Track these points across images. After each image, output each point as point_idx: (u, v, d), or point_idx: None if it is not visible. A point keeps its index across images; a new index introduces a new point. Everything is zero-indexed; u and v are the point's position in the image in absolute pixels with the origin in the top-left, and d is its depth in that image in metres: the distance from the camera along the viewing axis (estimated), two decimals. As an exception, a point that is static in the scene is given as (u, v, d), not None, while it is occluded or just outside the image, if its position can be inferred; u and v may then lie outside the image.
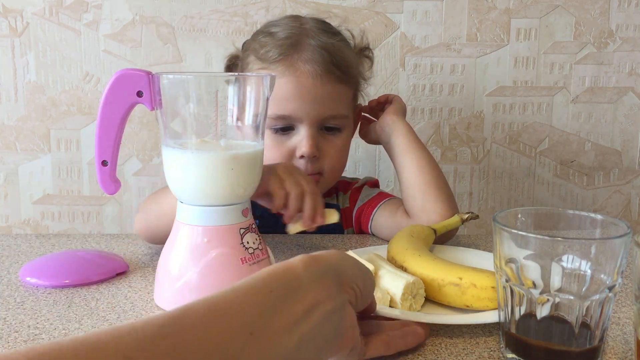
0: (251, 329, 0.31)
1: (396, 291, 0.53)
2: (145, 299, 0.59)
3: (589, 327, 0.43)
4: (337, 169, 0.89)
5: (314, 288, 0.35)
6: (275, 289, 0.34)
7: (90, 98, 1.22)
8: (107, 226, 1.27)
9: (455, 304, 0.55)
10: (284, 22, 0.89)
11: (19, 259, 0.73)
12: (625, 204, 1.26)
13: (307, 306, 0.34)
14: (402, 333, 0.47)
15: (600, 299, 0.43)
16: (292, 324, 0.33)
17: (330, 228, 0.77)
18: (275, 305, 0.33)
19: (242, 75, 0.58)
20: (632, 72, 1.21)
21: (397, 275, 0.55)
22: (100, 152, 0.59)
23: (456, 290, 0.54)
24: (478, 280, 0.54)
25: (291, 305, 0.33)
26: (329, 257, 0.39)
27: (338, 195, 0.97)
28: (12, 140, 1.23)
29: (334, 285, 0.37)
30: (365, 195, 0.93)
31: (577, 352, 0.43)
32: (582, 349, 0.43)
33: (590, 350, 0.44)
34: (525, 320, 0.44)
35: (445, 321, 0.51)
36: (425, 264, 0.58)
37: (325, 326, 0.35)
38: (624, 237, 0.42)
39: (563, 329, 0.43)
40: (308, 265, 0.37)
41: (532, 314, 0.44)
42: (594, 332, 0.43)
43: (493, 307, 0.52)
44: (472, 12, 1.19)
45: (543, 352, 0.44)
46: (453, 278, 0.55)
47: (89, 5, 1.19)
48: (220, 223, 0.56)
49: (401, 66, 1.21)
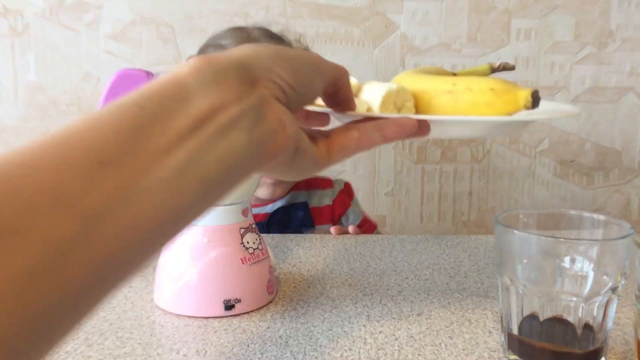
0: (100, 158, 0.24)
1: (375, 99, 0.43)
2: (145, 299, 0.59)
3: (591, 328, 0.43)
4: None
5: (207, 93, 0.28)
6: (149, 106, 0.27)
7: (90, 98, 1.22)
8: (107, 226, 1.27)
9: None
10: (231, 34, 0.93)
11: (19, 259, 0.73)
12: (625, 203, 1.26)
13: (196, 117, 0.27)
14: (376, 125, 0.38)
15: (603, 301, 0.42)
16: (173, 142, 0.26)
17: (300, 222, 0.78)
18: (146, 124, 0.26)
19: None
20: (632, 72, 1.21)
21: (380, 86, 0.46)
22: (100, 152, 0.59)
23: (449, 99, 0.45)
24: (475, 84, 0.45)
25: (172, 120, 0.27)
26: (231, 53, 0.31)
27: (313, 193, 0.99)
28: (12, 140, 1.23)
29: (238, 84, 0.30)
30: (360, 212, 1.01)
31: (580, 354, 0.43)
32: (585, 350, 0.43)
33: (593, 352, 0.43)
34: (527, 321, 0.44)
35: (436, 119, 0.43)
36: (417, 78, 0.49)
37: (229, 135, 0.28)
38: (627, 238, 0.42)
39: (566, 330, 0.43)
40: (198, 68, 0.29)
41: (535, 315, 0.43)
42: (596, 334, 0.43)
43: (491, 113, 0.45)
44: (472, 12, 1.19)
45: (546, 354, 0.44)
46: (446, 86, 0.46)
47: (89, 5, 1.19)
48: (220, 223, 0.56)
49: (401, 66, 1.21)
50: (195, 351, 0.47)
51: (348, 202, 0.99)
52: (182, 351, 0.47)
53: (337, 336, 0.50)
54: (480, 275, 0.67)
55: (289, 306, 0.57)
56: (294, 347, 0.48)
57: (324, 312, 0.55)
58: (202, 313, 0.54)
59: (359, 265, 0.70)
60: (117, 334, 0.51)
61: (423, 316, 0.55)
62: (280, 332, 0.51)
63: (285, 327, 0.52)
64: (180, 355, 0.47)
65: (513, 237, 0.44)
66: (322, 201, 0.98)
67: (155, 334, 0.51)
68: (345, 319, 0.54)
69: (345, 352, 0.47)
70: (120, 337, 0.50)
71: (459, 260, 0.73)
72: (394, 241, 0.80)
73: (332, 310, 0.56)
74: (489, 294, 0.61)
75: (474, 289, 0.63)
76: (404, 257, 0.73)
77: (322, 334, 0.51)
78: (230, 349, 0.48)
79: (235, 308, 0.55)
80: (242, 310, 0.55)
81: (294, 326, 0.52)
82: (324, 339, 0.50)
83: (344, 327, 0.52)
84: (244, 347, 0.48)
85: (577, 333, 0.43)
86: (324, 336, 0.50)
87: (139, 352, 0.47)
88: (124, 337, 0.50)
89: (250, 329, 0.52)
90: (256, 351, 0.47)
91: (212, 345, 0.49)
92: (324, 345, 0.48)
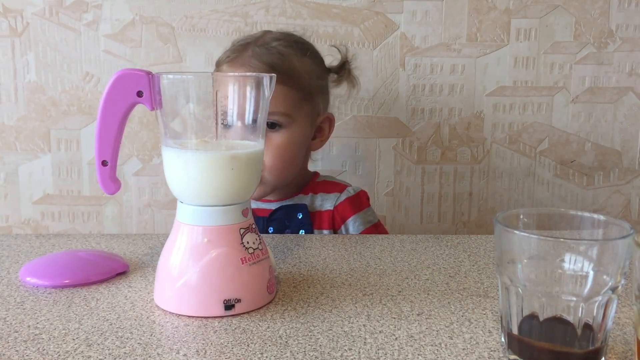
0: None
1: None
2: (145, 299, 0.59)
3: (591, 328, 0.43)
4: (276, 165, 0.92)
5: None
6: None
7: (90, 98, 1.22)
8: (107, 226, 1.27)
9: None
10: (246, 37, 0.98)
11: (19, 259, 0.73)
12: (625, 204, 1.26)
13: None
14: None
15: (603, 300, 0.43)
16: None
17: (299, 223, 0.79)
18: None
19: (243, 75, 0.58)
20: (632, 72, 1.21)
21: None
22: (100, 152, 0.59)
23: None
24: None
25: None
26: None
27: (316, 196, 0.99)
28: (12, 140, 1.23)
29: None
30: (367, 222, 0.98)
31: (579, 354, 0.43)
32: (585, 350, 0.43)
33: (593, 352, 0.44)
34: (527, 321, 0.44)
35: None
36: None
37: None
38: (627, 238, 0.42)
39: (566, 330, 0.43)
40: None
41: (535, 315, 0.44)
42: (596, 334, 0.43)
43: None
44: (472, 12, 1.19)
45: (546, 354, 0.44)
46: None
47: (89, 5, 1.19)
48: (220, 223, 0.56)
49: (401, 66, 1.21)
50: (195, 351, 0.47)
51: (349, 213, 0.97)
52: (182, 351, 0.47)
53: (337, 336, 0.50)
54: (480, 275, 0.67)
55: (289, 306, 0.57)
56: (294, 347, 0.48)
57: (324, 312, 0.55)
58: (202, 313, 0.54)
59: (359, 265, 0.70)
60: (117, 334, 0.51)
61: (423, 316, 0.55)
62: (280, 332, 0.51)
63: (285, 327, 0.52)
64: (180, 355, 0.47)
65: (513, 237, 0.44)
66: (324, 205, 0.98)
67: (155, 334, 0.51)
68: (345, 319, 0.54)
69: (345, 352, 0.47)
70: (120, 337, 0.50)
71: (459, 260, 0.73)
72: (394, 241, 0.80)
73: (332, 310, 0.56)
74: (489, 294, 0.61)
75: (474, 289, 0.63)
76: (404, 257, 0.73)
77: (322, 334, 0.51)
78: (230, 349, 0.48)
79: (235, 308, 0.55)
80: (242, 310, 0.55)
81: (294, 326, 0.52)
82: (324, 339, 0.50)
83: (344, 327, 0.52)
84: (244, 347, 0.48)
85: (577, 333, 0.43)
86: (324, 336, 0.50)
87: (139, 352, 0.47)
88: (124, 337, 0.50)
89: (250, 328, 0.52)
90: (256, 351, 0.47)
91: (212, 345, 0.49)
92: (324, 345, 0.48)
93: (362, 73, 1.21)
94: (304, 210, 0.97)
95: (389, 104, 1.23)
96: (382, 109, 1.23)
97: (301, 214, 0.96)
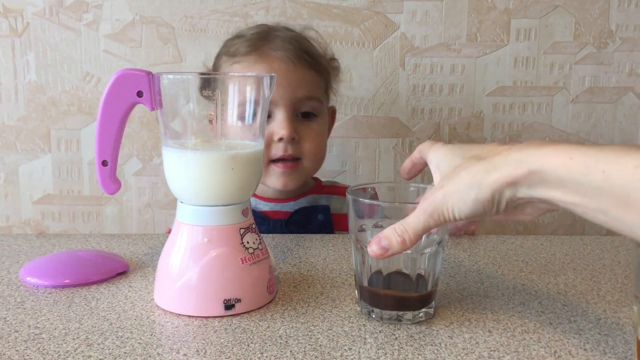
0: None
1: None
2: (145, 299, 0.59)
3: (423, 278, 0.54)
4: (316, 153, 0.91)
5: None
6: None
7: (90, 98, 1.22)
8: (107, 226, 1.27)
9: None
10: (251, 28, 0.96)
11: (19, 259, 0.73)
12: (625, 204, 1.26)
13: None
14: None
15: (431, 252, 0.53)
16: None
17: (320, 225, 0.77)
18: None
19: (242, 75, 0.58)
20: (632, 72, 1.21)
21: None
22: (101, 152, 0.59)
23: None
24: None
25: None
26: None
27: (335, 198, 0.98)
28: (12, 140, 1.24)
29: None
30: None
31: (415, 297, 0.54)
32: (420, 293, 0.54)
33: (426, 295, 0.54)
34: (375, 276, 0.54)
35: None
36: None
37: None
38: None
39: (405, 280, 0.53)
40: None
41: (380, 271, 0.54)
42: (427, 281, 0.54)
43: None
44: (472, 12, 1.19)
45: (390, 299, 0.54)
46: None
47: (89, 5, 1.19)
48: (220, 223, 0.56)
49: (401, 66, 1.21)
50: (195, 351, 0.47)
51: None
52: (182, 351, 0.47)
53: (337, 336, 0.50)
54: (480, 275, 0.67)
55: (289, 306, 0.57)
56: (294, 346, 0.48)
57: (324, 312, 0.56)
58: (202, 313, 0.54)
59: (358, 265, 0.70)
60: (117, 334, 0.51)
61: (423, 316, 0.55)
62: (280, 331, 0.51)
63: (285, 326, 0.52)
64: (180, 355, 0.47)
65: (360, 206, 0.54)
66: (343, 208, 0.97)
67: (155, 334, 0.51)
68: (345, 319, 0.54)
69: (345, 352, 0.47)
70: (120, 337, 0.50)
71: (459, 260, 0.73)
72: (394, 241, 0.80)
73: (332, 310, 0.56)
74: (489, 294, 0.61)
75: (474, 289, 0.63)
76: (404, 257, 0.73)
77: (322, 334, 0.51)
78: (230, 348, 0.48)
79: (235, 308, 0.55)
80: (242, 310, 0.55)
81: (294, 326, 0.52)
82: (324, 338, 0.50)
83: (344, 327, 0.52)
84: (244, 347, 0.48)
85: (412, 280, 0.53)
86: (324, 336, 0.50)
87: (139, 352, 0.47)
88: (124, 337, 0.50)
89: (250, 328, 0.52)
90: (256, 351, 0.47)
91: (212, 345, 0.49)
92: (324, 345, 0.49)
93: (362, 73, 1.21)
94: (326, 212, 0.95)
95: (388, 104, 1.23)
96: (382, 109, 1.23)
97: (322, 215, 0.94)
